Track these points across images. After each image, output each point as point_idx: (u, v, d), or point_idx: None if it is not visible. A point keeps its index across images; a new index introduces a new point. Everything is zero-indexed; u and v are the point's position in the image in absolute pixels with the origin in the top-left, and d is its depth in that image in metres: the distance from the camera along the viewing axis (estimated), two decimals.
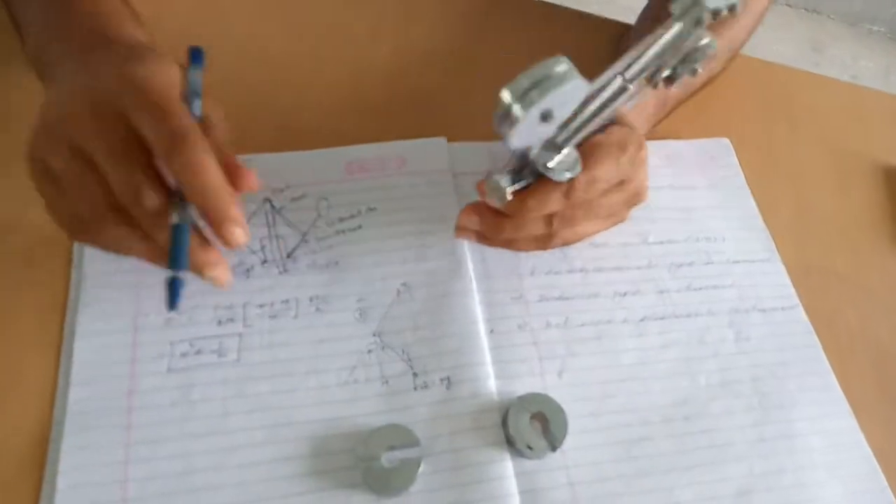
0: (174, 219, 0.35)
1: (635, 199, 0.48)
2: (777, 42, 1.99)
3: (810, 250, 0.56)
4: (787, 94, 0.66)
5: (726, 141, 0.60)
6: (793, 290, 0.53)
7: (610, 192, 0.46)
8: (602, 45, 0.64)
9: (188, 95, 0.38)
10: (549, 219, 0.46)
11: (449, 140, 0.54)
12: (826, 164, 0.62)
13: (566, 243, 0.48)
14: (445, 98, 0.58)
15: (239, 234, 0.35)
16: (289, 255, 0.47)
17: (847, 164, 0.62)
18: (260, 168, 0.38)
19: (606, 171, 0.44)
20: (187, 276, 0.36)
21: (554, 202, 0.44)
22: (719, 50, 0.55)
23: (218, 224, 0.35)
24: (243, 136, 0.41)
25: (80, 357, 0.42)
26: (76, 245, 0.45)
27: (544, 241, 0.48)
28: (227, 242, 0.35)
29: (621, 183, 0.46)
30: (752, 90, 0.53)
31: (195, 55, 0.39)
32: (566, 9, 0.67)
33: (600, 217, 0.48)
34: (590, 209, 0.46)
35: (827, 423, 0.48)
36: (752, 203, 0.57)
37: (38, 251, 0.45)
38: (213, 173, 0.34)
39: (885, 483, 0.46)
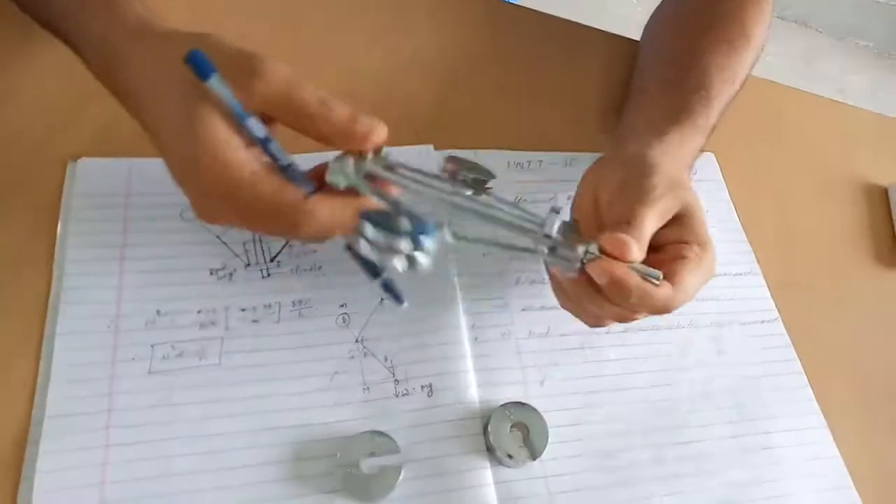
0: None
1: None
2: (768, 54, 2.00)
3: (791, 265, 0.56)
4: (774, 110, 0.66)
5: (711, 155, 0.60)
6: (773, 304, 0.53)
7: None
8: (591, 54, 0.64)
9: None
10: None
11: (436, 147, 0.54)
12: (809, 181, 0.62)
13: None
14: (434, 106, 0.58)
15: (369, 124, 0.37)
16: (272, 259, 0.47)
17: (830, 181, 0.63)
18: None
19: (691, 293, 0.42)
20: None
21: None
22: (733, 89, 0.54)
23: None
24: None
25: (60, 358, 0.41)
26: (58, 245, 0.45)
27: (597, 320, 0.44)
28: (365, 137, 0.37)
29: None
30: (738, 106, 0.54)
31: None
32: (556, 18, 0.67)
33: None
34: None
35: (803, 435, 0.48)
36: (735, 217, 0.57)
37: (20, 250, 0.44)
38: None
39: (857, 496, 0.47)
